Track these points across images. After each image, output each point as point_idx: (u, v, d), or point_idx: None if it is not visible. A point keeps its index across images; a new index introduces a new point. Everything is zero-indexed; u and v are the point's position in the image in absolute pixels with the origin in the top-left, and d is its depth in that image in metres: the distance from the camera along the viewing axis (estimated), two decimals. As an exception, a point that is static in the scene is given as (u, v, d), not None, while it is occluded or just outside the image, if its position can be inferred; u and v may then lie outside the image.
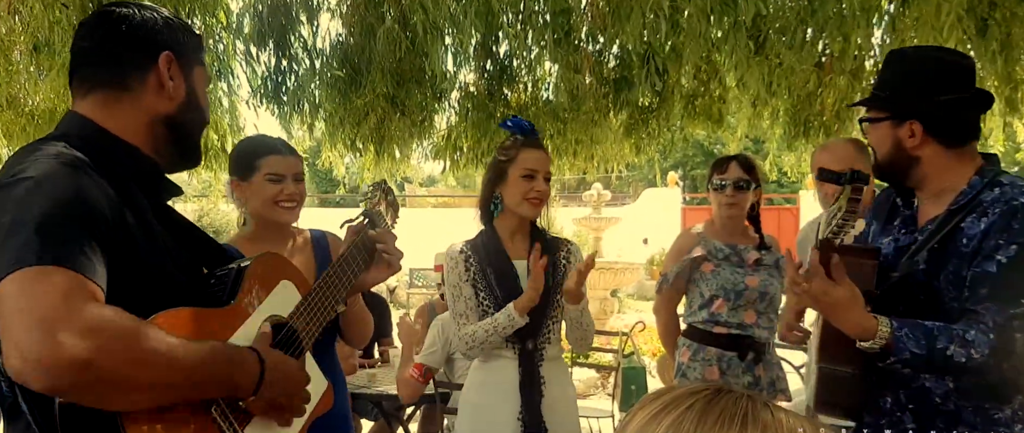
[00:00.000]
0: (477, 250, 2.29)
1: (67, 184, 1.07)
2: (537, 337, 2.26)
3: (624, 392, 5.03)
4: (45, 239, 0.99)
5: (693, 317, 2.85)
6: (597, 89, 4.03)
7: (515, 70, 4.28)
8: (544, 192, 2.25)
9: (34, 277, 0.96)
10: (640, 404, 0.75)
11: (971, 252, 1.59)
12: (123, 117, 1.26)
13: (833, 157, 2.59)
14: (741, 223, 2.88)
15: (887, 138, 1.74)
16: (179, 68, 1.29)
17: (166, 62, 1.26)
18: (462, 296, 2.26)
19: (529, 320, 2.20)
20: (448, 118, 4.61)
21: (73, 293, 0.96)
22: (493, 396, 2.25)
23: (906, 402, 1.69)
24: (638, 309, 11.56)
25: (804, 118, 4.29)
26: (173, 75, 1.28)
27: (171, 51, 1.27)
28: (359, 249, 1.65)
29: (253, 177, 2.10)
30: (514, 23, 3.60)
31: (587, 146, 4.68)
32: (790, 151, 4.71)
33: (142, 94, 1.26)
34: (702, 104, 4.39)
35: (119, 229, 1.11)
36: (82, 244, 1.02)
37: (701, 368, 2.78)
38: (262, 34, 3.92)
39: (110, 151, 1.22)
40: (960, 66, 1.75)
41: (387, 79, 3.79)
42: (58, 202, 1.04)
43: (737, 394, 0.71)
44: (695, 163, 26.28)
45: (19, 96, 4.36)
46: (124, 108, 1.26)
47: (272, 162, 2.10)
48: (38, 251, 0.97)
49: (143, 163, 1.26)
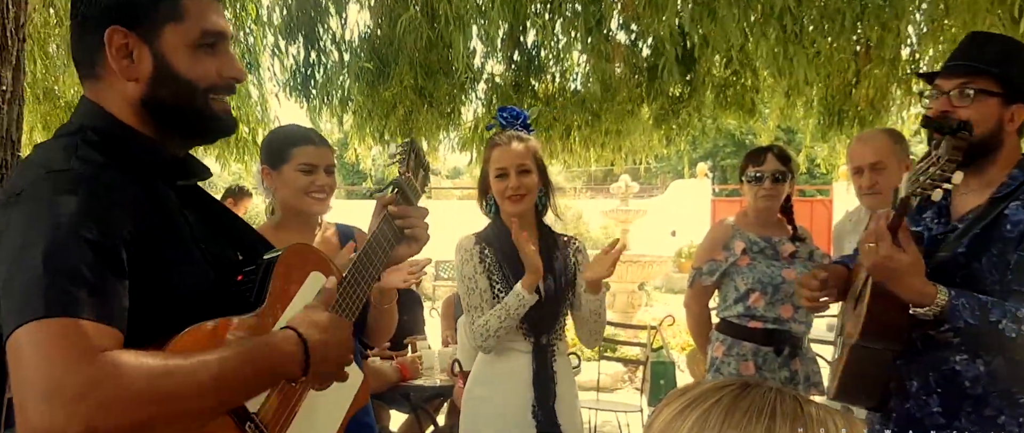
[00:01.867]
0: (491, 242, 2.29)
1: (78, 201, 0.98)
2: (551, 332, 2.25)
3: (652, 386, 4.99)
4: (53, 279, 0.92)
5: (727, 311, 2.80)
6: (630, 79, 3.98)
7: (543, 60, 4.25)
8: (520, 186, 2.22)
9: (43, 335, 0.90)
10: (667, 400, 0.74)
11: (1017, 237, 1.62)
12: (114, 105, 1.12)
13: (869, 148, 2.54)
14: (775, 215, 2.82)
15: (993, 115, 1.70)
16: (139, 38, 1.09)
17: (116, 39, 1.08)
18: (477, 289, 2.24)
19: (545, 313, 2.19)
20: (475, 109, 4.60)
21: (80, 351, 0.90)
22: (504, 389, 2.23)
23: (934, 386, 1.71)
24: (666, 302, 11.47)
25: (838, 108, 4.20)
26: (133, 49, 1.09)
27: (119, 24, 1.07)
28: (386, 227, 1.57)
29: (284, 166, 2.07)
30: (542, 12, 3.56)
31: (616, 137, 4.64)
32: (824, 142, 4.62)
33: (111, 80, 1.11)
34: (734, 94, 4.32)
35: (142, 236, 1.03)
36: (94, 278, 0.94)
37: (736, 363, 2.73)
38: (291, 27, 3.93)
39: (125, 142, 1.12)
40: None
41: (415, 71, 3.78)
42: (67, 227, 0.95)
43: (765, 388, 0.70)
44: (726, 154, 25.97)
45: (54, 88, 4.43)
46: (107, 96, 1.13)
47: (305, 152, 2.07)
48: (46, 297, 0.91)
49: (157, 151, 1.15)
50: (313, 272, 1.33)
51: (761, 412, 0.67)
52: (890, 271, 1.62)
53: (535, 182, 2.25)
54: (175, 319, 1.05)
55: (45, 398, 0.88)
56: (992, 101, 1.70)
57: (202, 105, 1.15)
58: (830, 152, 4.90)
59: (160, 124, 1.14)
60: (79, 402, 0.88)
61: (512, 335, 2.22)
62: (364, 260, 1.47)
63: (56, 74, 4.24)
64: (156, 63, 1.11)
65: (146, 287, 1.02)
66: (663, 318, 5.96)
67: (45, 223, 0.95)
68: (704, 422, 0.68)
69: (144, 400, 0.93)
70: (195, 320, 1.06)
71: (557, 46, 3.98)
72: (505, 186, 2.23)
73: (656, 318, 6.55)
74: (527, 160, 2.24)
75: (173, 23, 1.11)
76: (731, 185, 20.08)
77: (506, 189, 2.23)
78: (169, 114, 1.14)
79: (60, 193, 0.98)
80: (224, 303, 1.13)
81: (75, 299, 0.92)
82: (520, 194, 2.22)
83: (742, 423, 0.66)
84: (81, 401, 0.88)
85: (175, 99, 1.13)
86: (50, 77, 4.30)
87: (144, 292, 1.02)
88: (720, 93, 4.29)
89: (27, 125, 4.73)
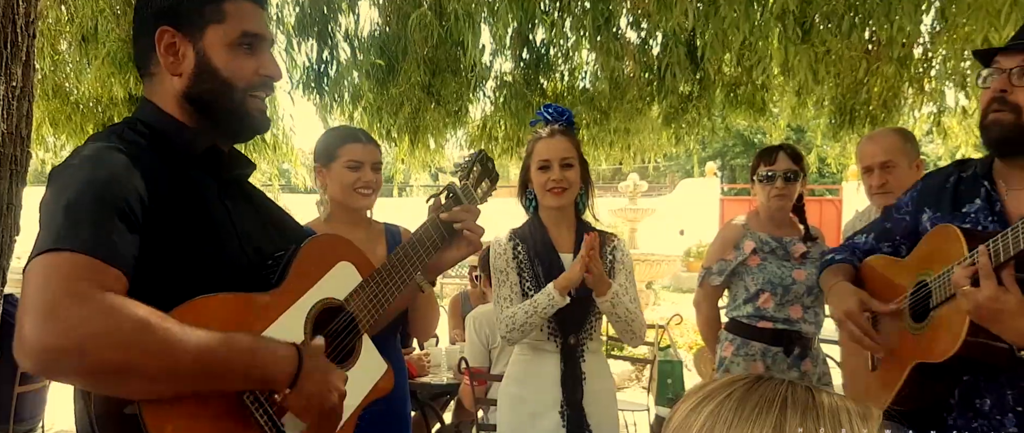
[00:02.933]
0: (525, 240, 2.29)
1: (106, 169, 1.09)
2: (580, 332, 2.24)
3: (660, 385, 4.97)
4: (66, 220, 1.02)
5: (737, 311, 2.78)
6: (640, 77, 3.97)
7: (552, 58, 4.23)
8: (561, 180, 2.21)
9: (49, 263, 0.99)
10: (684, 398, 0.75)
11: None
12: (163, 100, 1.24)
13: (879, 147, 2.53)
14: (787, 215, 2.81)
15: None
16: (185, 37, 1.21)
17: (164, 38, 1.20)
18: (508, 282, 2.25)
19: (572, 313, 2.17)
20: (483, 108, 4.59)
21: (82, 280, 0.98)
22: (534, 389, 2.24)
23: (1013, 404, 1.60)
24: (673, 301, 11.44)
25: (850, 107, 4.17)
26: (179, 47, 1.21)
27: (168, 24, 1.20)
28: (432, 228, 1.61)
29: (333, 164, 2.20)
30: (551, 10, 3.55)
31: (624, 136, 4.63)
32: (834, 141, 4.59)
33: (161, 77, 1.24)
34: (744, 93, 4.29)
35: (162, 212, 1.10)
36: (108, 228, 1.03)
37: (745, 363, 2.72)
38: (303, 24, 3.93)
39: (171, 134, 1.22)
40: None
41: (422, 68, 3.78)
42: (91, 186, 1.06)
43: (777, 381, 0.71)
44: (735, 153, 25.90)
45: (65, 85, 4.45)
46: (158, 92, 1.25)
47: (352, 150, 2.19)
48: (62, 235, 1.01)
49: (196, 142, 1.23)
50: (342, 262, 1.37)
51: (772, 403, 0.68)
52: (995, 313, 1.50)
53: (577, 177, 2.25)
54: (196, 288, 1.11)
55: (43, 316, 0.95)
56: None
57: (239, 101, 1.25)
58: (841, 151, 4.87)
59: (203, 117, 1.24)
60: (73, 326, 0.95)
61: (539, 335, 2.22)
62: (402, 256, 1.51)
63: (66, 71, 4.26)
64: (198, 60, 1.22)
65: (169, 256, 1.10)
66: (670, 317, 5.95)
67: (75, 182, 1.06)
68: (717, 416, 0.68)
69: (130, 345, 0.98)
70: (214, 292, 1.13)
71: (566, 44, 3.96)
72: (547, 178, 2.22)
73: (664, 317, 6.53)
74: (570, 154, 2.23)
75: (215, 24, 1.22)
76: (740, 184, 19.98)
77: (548, 182, 2.22)
78: (209, 108, 1.24)
79: (94, 162, 1.10)
80: (249, 282, 1.20)
81: (82, 237, 1.01)
82: (562, 187, 2.21)
83: (753, 415, 0.67)
84: (76, 326, 0.95)
85: (213, 94, 1.23)
86: (60, 74, 4.32)
87: (166, 261, 1.10)
88: (730, 92, 4.26)
89: (36, 122, 4.77)
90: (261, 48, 1.27)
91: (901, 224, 1.87)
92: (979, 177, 1.72)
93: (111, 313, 0.98)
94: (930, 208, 1.80)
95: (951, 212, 1.73)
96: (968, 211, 1.71)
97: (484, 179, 1.79)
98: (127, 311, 0.99)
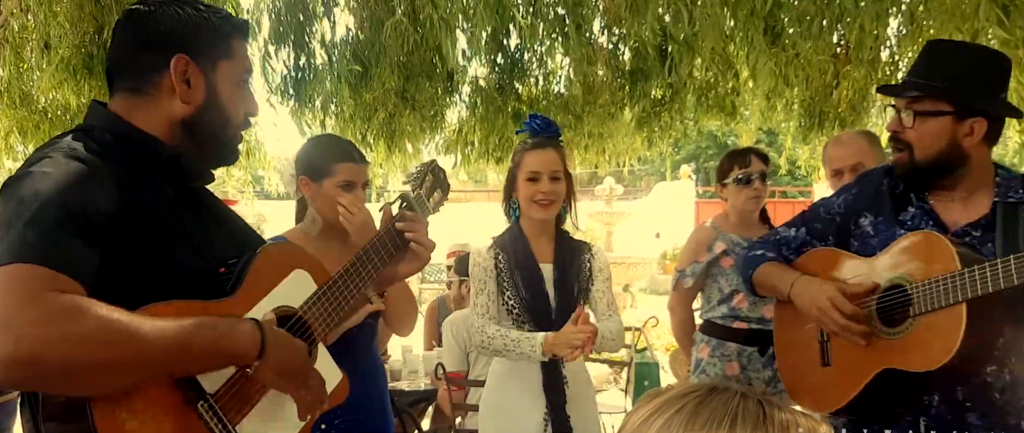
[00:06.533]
0: (505, 249, 2.29)
1: (64, 178, 1.09)
2: None
3: (637, 388, 5.01)
4: (28, 234, 1.03)
5: (711, 313, 2.81)
6: (612, 82, 3.99)
7: (526, 63, 4.24)
8: (549, 193, 2.22)
9: (5, 275, 1.00)
10: (638, 404, 0.74)
11: None
12: (144, 117, 1.25)
13: (846, 151, 2.58)
14: (756, 216, 2.85)
15: (944, 133, 1.67)
16: (198, 68, 1.25)
17: (180, 65, 1.23)
18: (486, 290, 2.26)
19: (553, 322, 2.18)
20: (459, 112, 4.59)
21: (39, 289, 0.99)
22: (517, 396, 2.24)
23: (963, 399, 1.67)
24: (650, 304, 11.50)
25: (819, 110, 4.23)
26: (191, 77, 1.25)
27: (186, 53, 1.24)
28: (387, 236, 1.59)
29: (325, 181, 2.13)
30: (526, 15, 3.56)
31: (599, 140, 4.65)
32: (804, 144, 4.65)
33: (158, 97, 1.25)
34: (715, 97, 4.34)
35: (123, 220, 1.11)
36: (65, 238, 1.04)
37: (721, 364, 2.75)
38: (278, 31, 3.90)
39: (131, 141, 1.23)
40: (1008, 67, 1.73)
41: (396, 73, 3.76)
42: (50, 196, 1.06)
43: (731, 392, 0.70)
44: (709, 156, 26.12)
45: (31, 92, 4.37)
46: (144, 109, 1.26)
47: (348, 170, 2.13)
48: (19, 246, 1.01)
49: (163, 152, 1.25)
50: (297, 270, 1.36)
51: (723, 418, 0.67)
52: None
53: (564, 190, 2.26)
54: (152, 298, 1.12)
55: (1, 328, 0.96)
56: (942, 120, 1.67)
57: (231, 137, 1.32)
58: (811, 154, 4.93)
59: (193, 143, 1.28)
60: (28, 334, 0.96)
61: None
62: (358, 264, 1.50)
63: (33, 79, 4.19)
64: (208, 92, 1.27)
65: (126, 265, 1.11)
66: (647, 320, 5.99)
67: (31, 193, 1.07)
68: (666, 430, 0.68)
69: (89, 340, 0.99)
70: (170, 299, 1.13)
71: (540, 50, 3.98)
72: (535, 190, 2.22)
73: (640, 319, 6.57)
74: (559, 167, 2.24)
75: (226, 60, 1.28)
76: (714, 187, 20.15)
77: (536, 193, 2.22)
78: (205, 138, 1.28)
79: (51, 172, 1.09)
80: (203, 290, 1.20)
81: (38, 249, 1.02)
82: (550, 200, 2.23)
83: (703, 430, 0.66)
84: (30, 333, 0.96)
85: (215, 126, 1.29)
86: (27, 82, 4.24)
87: (122, 268, 1.11)
88: (701, 96, 4.31)
89: (2, 129, 4.68)
90: (248, 84, 1.34)
91: (833, 224, 1.89)
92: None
93: (66, 314, 0.98)
94: (870, 212, 1.83)
95: (892, 217, 1.78)
96: (904, 217, 1.77)
97: (436, 189, 1.78)
98: (83, 309, 1.00)
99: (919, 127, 1.69)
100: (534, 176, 2.23)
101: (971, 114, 1.67)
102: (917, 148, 1.70)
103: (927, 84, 1.69)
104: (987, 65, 1.73)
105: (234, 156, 1.36)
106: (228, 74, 1.28)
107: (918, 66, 1.76)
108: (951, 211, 1.74)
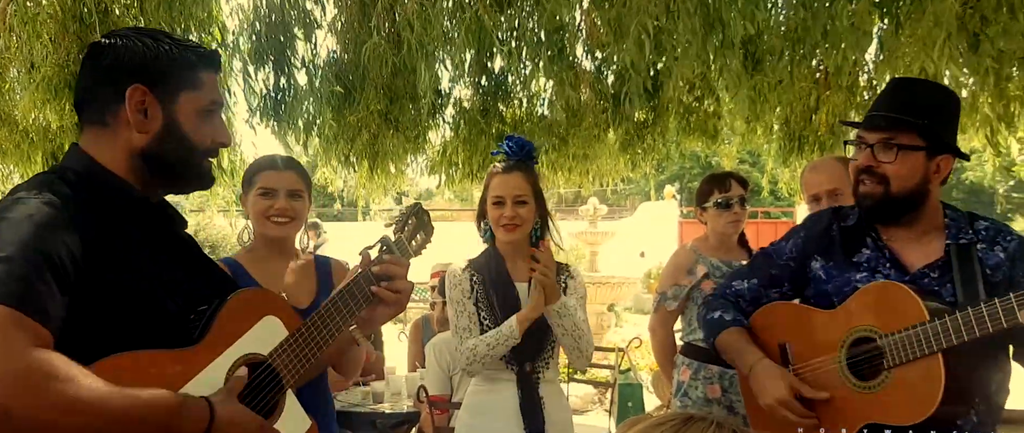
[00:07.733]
0: (481, 270, 2.31)
1: (36, 222, 1.09)
2: (536, 360, 2.26)
3: (620, 408, 5.00)
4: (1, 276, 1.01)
5: (693, 335, 2.82)
6: (595, 104, 4.03)
7: (510, 86, 4.28)
8: (514, 217, 2.25)
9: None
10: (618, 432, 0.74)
11: (1003, 281, 1.63)
12: (109, 151, 1.26)
13: (825, 176, 2.58)
14: (735, 239, 2.88)
15: (919, 169, 1.68)
16: (156, 99, 1.25)
17: (136, 95, 1.23)
18: (466, 312, 2.27)
19: (529, 341, 2.19)
20: (443, 133, 4.61)
21: (10, 334, 0.98)
22: (493, 418, 2.24)
23: None
24: (635, 323, 11.51)
25: (799, 134, 4.29)
26: (149, 107, 1.24)
27: (143, 83, 1.23)
28: (363, 280, 1.54)
29: (250, 193, 2.14)
30: (508, 40, 3.59)
31: (583, 161, 4.69)
32: (784, 167, 4.71)
33: (117, 129, 1.26)
34: (697, 120, 4.39)
35: (92, 267, 1.11)
36: (36, 283, 1.03)
37: (703, 386, 2.76)
38: (259, 52, 3.91)
39: (103, 186, 1.23)
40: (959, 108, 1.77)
41: (380, 96, 3.78)
42: (23, 239, 1.06)
43: (707, 422, 0.71)
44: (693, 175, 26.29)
45: (14, 113, 4.35)
46: (107, 142, 1.26)
47: (265, 177, 2.13)
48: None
49: (133, 197, 1.26)
50: (268, 316, 1.34)
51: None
52: None
53: (531, 213, 2.28)
54: (119, 345, 1.11)
55: None
56: (917, 155, 1.68)
57: (196, 164, 1.32)
58: (792, 176, 4.99)
59: (150, 173, 1.28)
60: (5, 384, 0.95)
61: (496, 363, 2.23)
62: (331, 309, 1.46)
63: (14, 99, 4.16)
64: (166, 122, 1.26)
65: (93, 310, 1.11)
66: (631, 340, 5.99)
67: (5, 237, 1.06)
68: None
69: (57, 400, 0.98)
70: (138, 347, 1.13)
71: (523, 73, 4.02)
72: (499, 214, 2.26)
73: (625, 339, 6.58)
74: (524, 191, 2.26)
75: (189, 91, 1.28)
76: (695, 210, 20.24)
77: (500, 217, 2.26)
78: (163, 167, 1.28)
79: (24, 217, 1.09)
80: (173, 335, 1.19)
81: (9, 290, 1.01)
82: (515, 224, 2.26)
83: None
84: (7, 383, 0.95)
85: (174, 155, 1.28)
86: (9, 102, 4.22)
87: (91, 312, 1.11)
88: (683, 119, 4.36)
89: (-17, 150, 4.65)
90: (218, 114, 1.34)
91: (788, 270, 1.88)
92: (864, 227, 1.79)
93: (32, 371, 0.97)
94: (821, 256, 1.82)
95: (845, 260, 1.77)
96: (859, 260, 1.76)
97: (419, 232, 1.76)
98: (48, 368, 0.99)
99: (900, 161, 1.68)
100: (499, 200, 2.27)
101: (941, 151, 1.69)
102: (895, 181, 1.68)
103: (908, 120, 1.68)
104: (952, 103, 1.75)
105: (205, 180, 1.35)
106: (191, 103, 1.28)
107: (890, 101, 1.74)
108: (908, 252, 1.74)
